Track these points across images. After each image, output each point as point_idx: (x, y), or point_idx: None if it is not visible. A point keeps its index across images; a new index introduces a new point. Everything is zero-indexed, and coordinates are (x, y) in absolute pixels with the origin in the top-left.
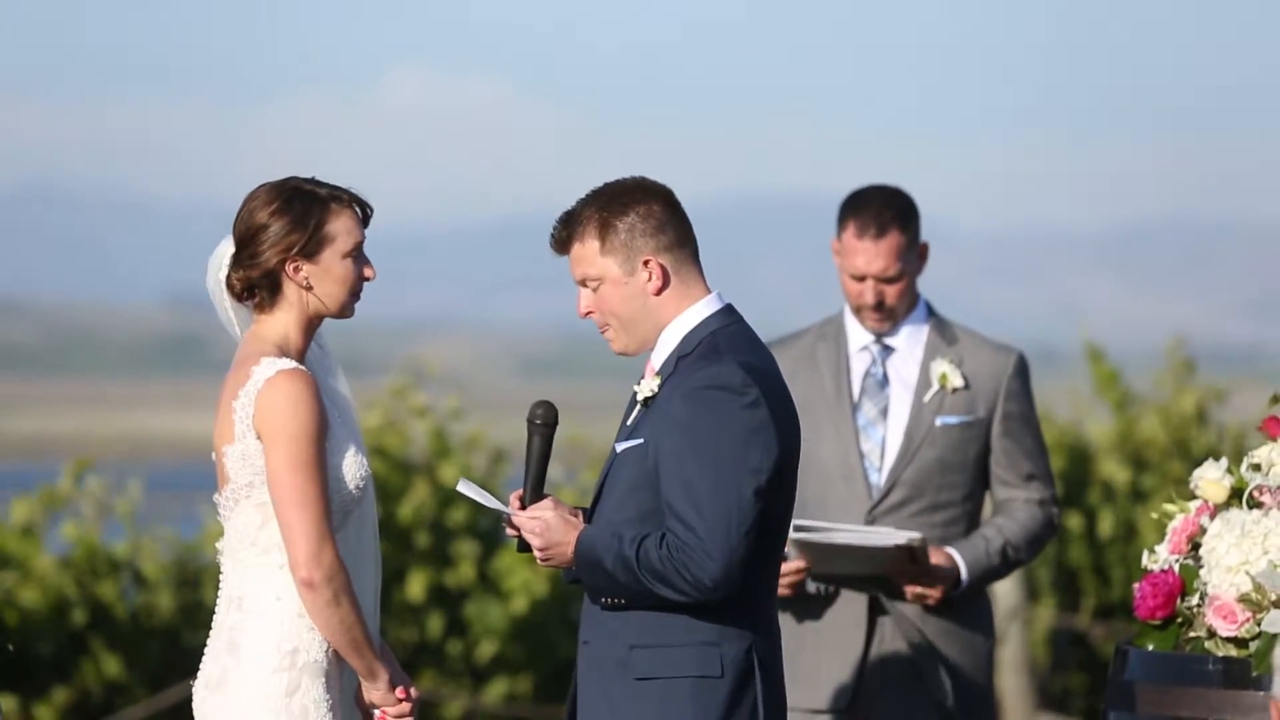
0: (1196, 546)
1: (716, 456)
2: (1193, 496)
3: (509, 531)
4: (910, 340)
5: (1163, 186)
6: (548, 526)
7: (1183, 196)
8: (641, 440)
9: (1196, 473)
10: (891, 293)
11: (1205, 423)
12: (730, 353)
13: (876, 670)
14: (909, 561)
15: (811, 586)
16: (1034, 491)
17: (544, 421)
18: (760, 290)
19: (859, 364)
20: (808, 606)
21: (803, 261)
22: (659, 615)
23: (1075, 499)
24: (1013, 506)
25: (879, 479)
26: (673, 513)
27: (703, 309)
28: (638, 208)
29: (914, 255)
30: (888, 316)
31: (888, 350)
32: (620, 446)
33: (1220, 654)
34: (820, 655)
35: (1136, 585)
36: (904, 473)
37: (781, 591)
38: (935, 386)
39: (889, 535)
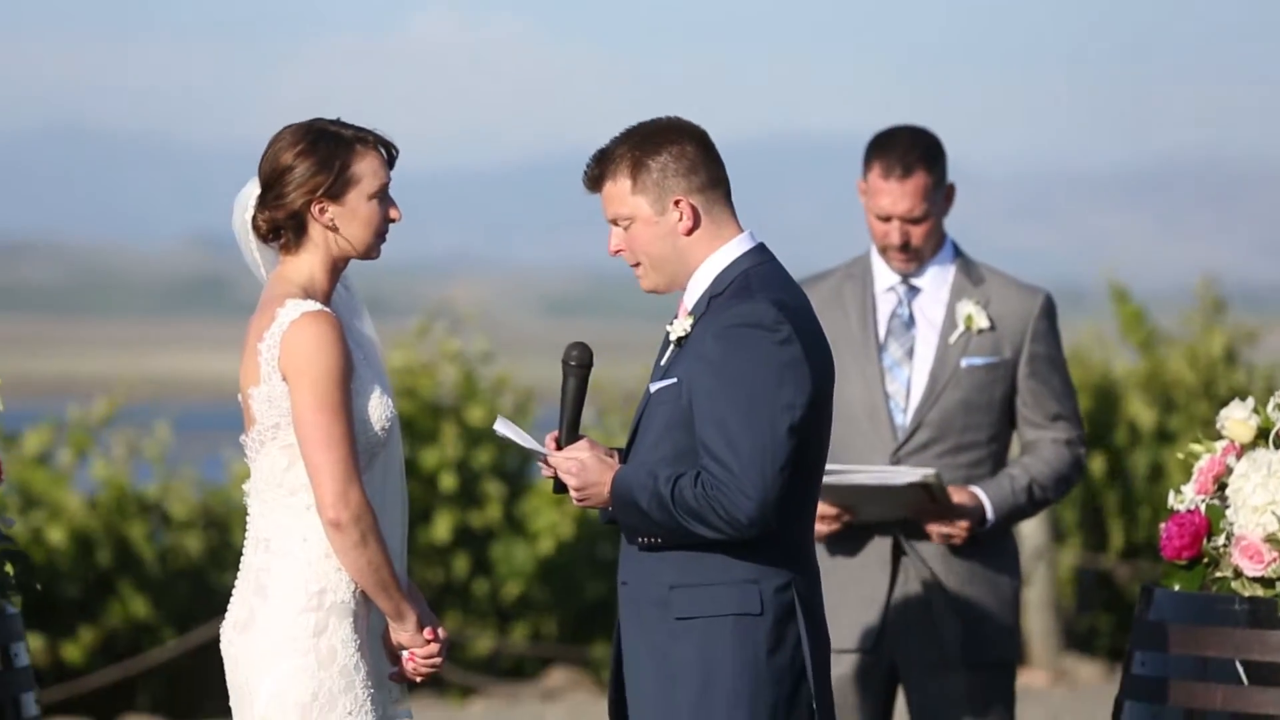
0: (1223, 487)
1: (750, 394)
2: (1219, 436)
3: (545, 472)
4: (936, 281)
5: (1189, 125)
6: (584, 467)
7: (1210, 135)
8: (675, 380)
9: (1223, 412)
10: (917, 233)
11: (1234, 363)
12: (762, 291)
13: (901, 611)
14: (928, 501)
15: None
16: (1061, 431)
17: (579, 362)
18: (788, 231)
19: (885, 304)
20: (832, 548)
21: (829, 202)
22: (697, 554)
23: (1101, 439)
24: (1039, 446)
25: (904, 420)
26: (707, 451)
27: (735, 248)
28: (671, 148)
29: (940, 196)
30: (914, 257)
31: (914, 291)
32: (654, 386)
33: (1246, 594)
34: (844, 596)
35: (1163, 525)
36: (929, 414)
37: (821, 532)
38: (960, 328)
39: (904, 473)
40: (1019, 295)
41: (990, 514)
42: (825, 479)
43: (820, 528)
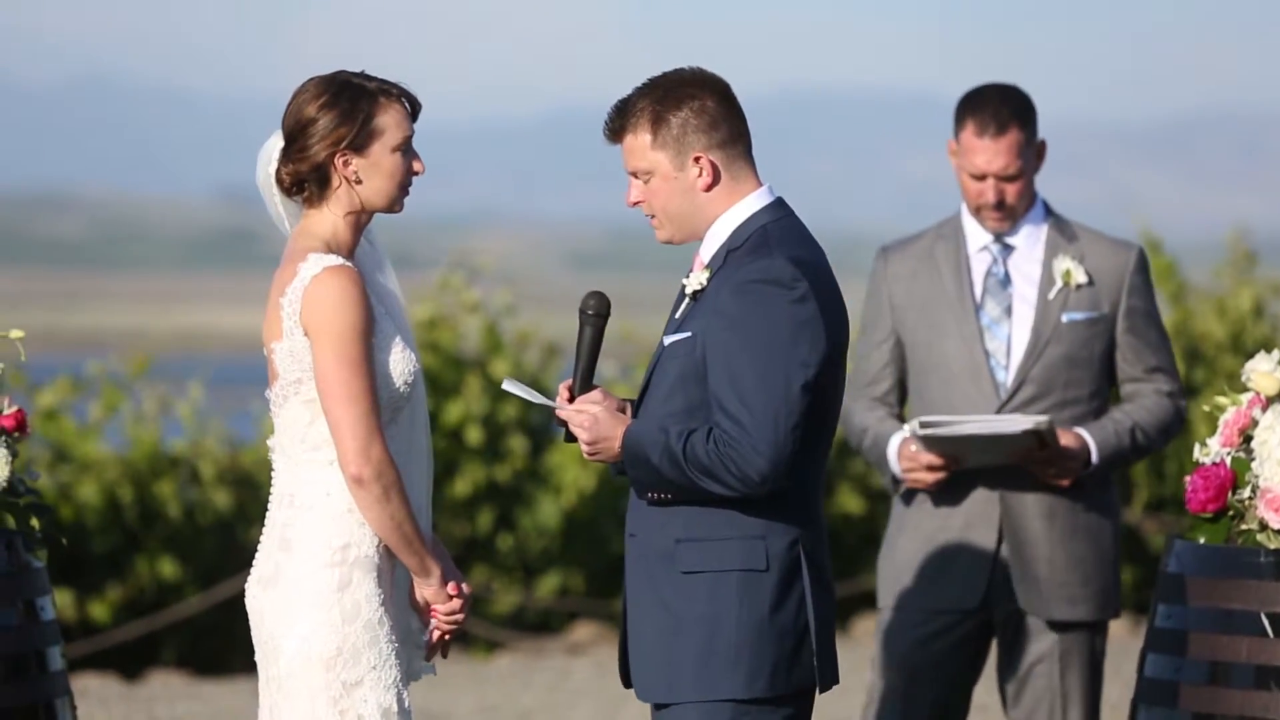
0: (1248, 439)
1: (764, 350)
2: (1245, 389)
3: (557, 424)
4: (1030, 239)
5: (1218, 77)
6: (595, 420)
7: (1239, 87)
8: (690, 334)
9: (1249, 365)
10: (1012, 191)
11: (1262, 317)
12: (780, 246)
13: (1005, 570)
14: (1038, 447)
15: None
16: (1161, 384)
17: (595, 312)
18: (801, 185)
19: (979, 264)
20: (936, 506)
21: (842, 157)
22: (705, 509)
23: None
24: (1141, 396)
25: (1005, 377)
26: (720, 407)
27: (753, 202)
28: (691, 103)
29: (1032, 153)
30: (1008, 215)
31: (1008, 249)
32: (668, 340)
33: (1272, 546)
34: (948, 555)
35: (1188, 478)
36: (1032, 370)
37: (925, 482)
38: (1059, 283)
39: (1017, 421)
40: (1113, 250)
41: (1095, 456)
42: (938, 430)
43: (926, 477)
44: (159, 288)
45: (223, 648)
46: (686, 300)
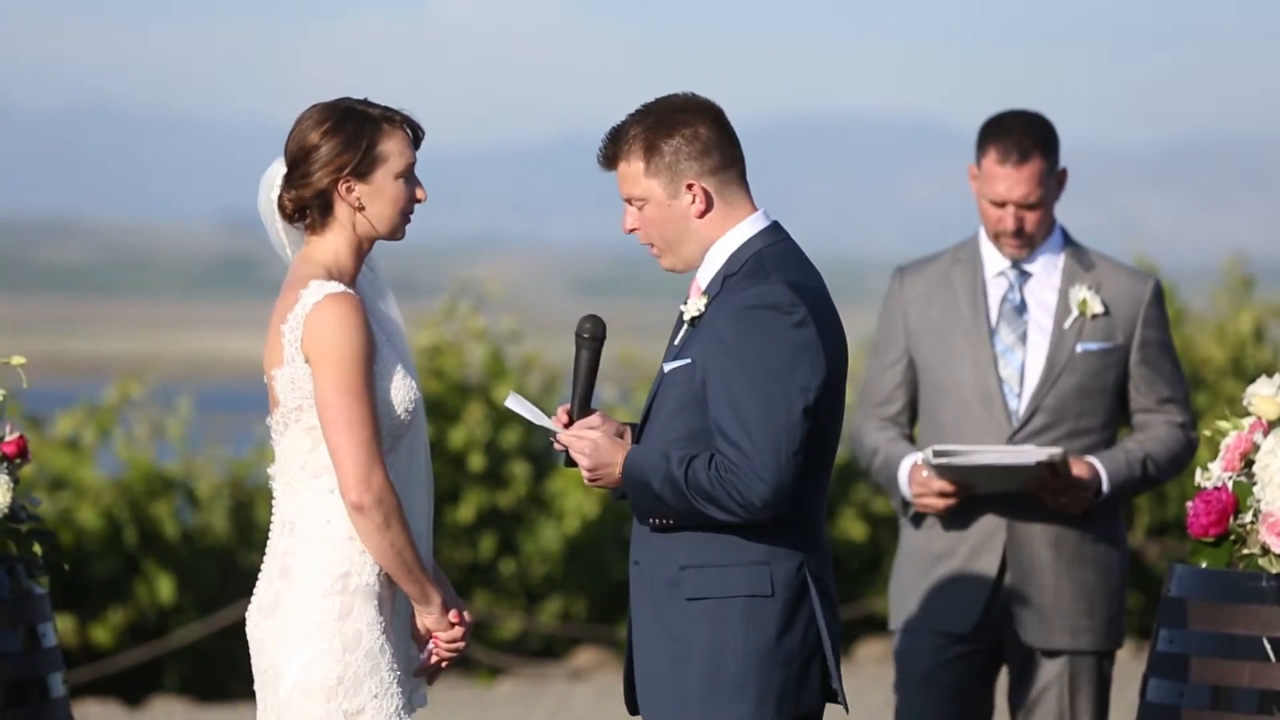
0: (1250, 463)
1: (764, 376)
2: (1246, 414)
3: (556, 448)
4: (1047, 266)
5: (1216, 102)
6: (596, 446)
7: (1240, 113)
8: (689, 360)
9: (1250, 389)
10: (1031, 219)
11: (1262, 341)
12: (777, 271)
13: (1010, 596)
14: (1051, 477)
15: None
16: (1173, 415)
17: (591, 335)
18: (805, 210)
19: (996, 289)
20: (944, 531)
21: (847, 182)
22: (709, 535)
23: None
24: (1152, 427)
25: (1018, 405)
26: (721, 433)
27: (748, 227)
28: (684, 130)
29: (1054, 181)
30: (1026, 243)
31: (1025, 275)
32: (668, 366)
33: (1274, 571)
34: (952, 577)
35: (1190, 503)
36: (1045, 399)
37: (935, 507)
38: (1075, 313)
39: (1031, 453)
40: (1129, 281)
41: (1106, 486)
42: (953, 460)
43: (937, 503)
44: (161, 314)
45: (224, 674)
46: (685, 326)
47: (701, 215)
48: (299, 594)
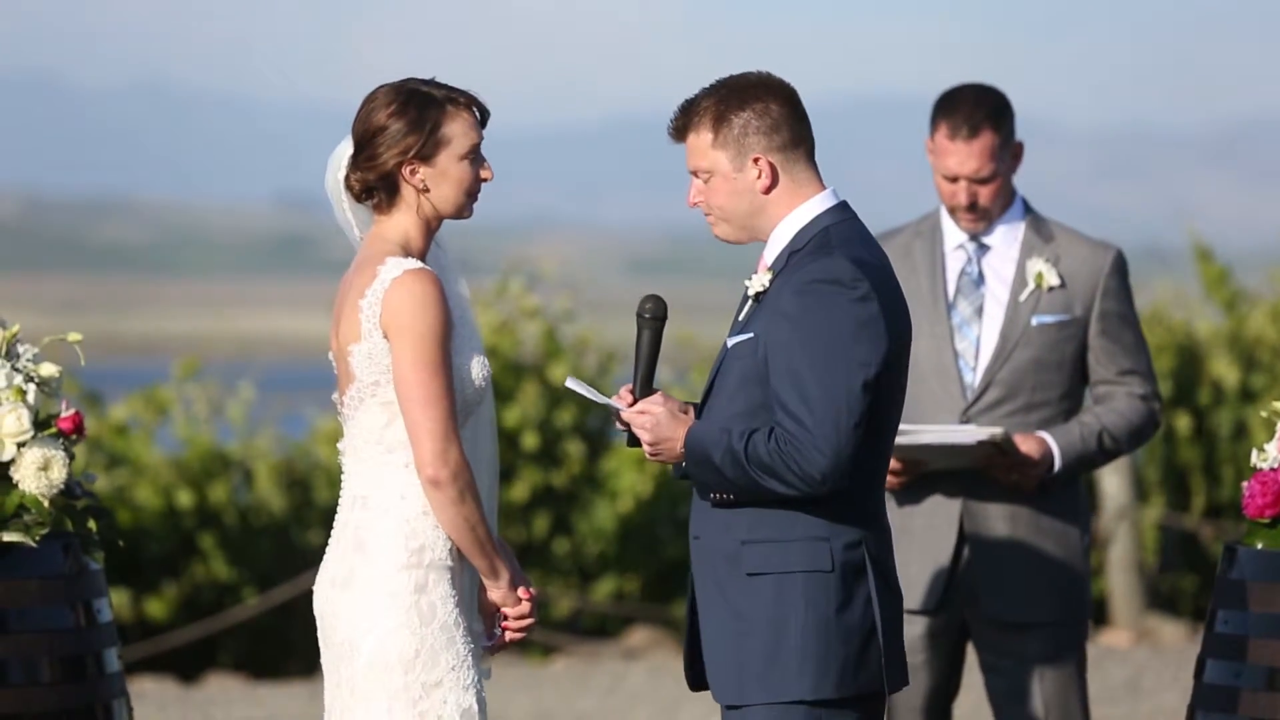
0: None
1: (826, 350)
2: None
3: (618, 426)
4: (1006, 239)
5: (1274, 82)
6: (657, 422)
7: None
8: (752, 335)
9: None
10: (985, 193)
11: None
12: (841, 248)
13: (969, 570)
14: (999, 455)
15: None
16: (1134, 386)
17: (653, 315)
18: (867, 190)
19: (954, 262)
20: (899, 507)
21: (907, 161)
22: (769, 510)
23: (1185, 399)
24: (1112, 398)
25: (974, 379)
26: (781, 407)
27: (816, 205)
28: (755, 104)
29: (1008, 154)
30: (982, 217)
31: (984, 249)
32: (731, 341)
33: None
34: (913, 557)
35: (1245, 484)
36: (999, 372)
37: (892, 483)
38: (1031, 285)
39: (972, 432)
40: (1089, 252)
41: (1058, 462)
42: (896, 439)
43: (891, 480)
44: (216, 293)
45: (278, 651)
46: (749, 302)
47: (767, 191)
48: (374, 568)
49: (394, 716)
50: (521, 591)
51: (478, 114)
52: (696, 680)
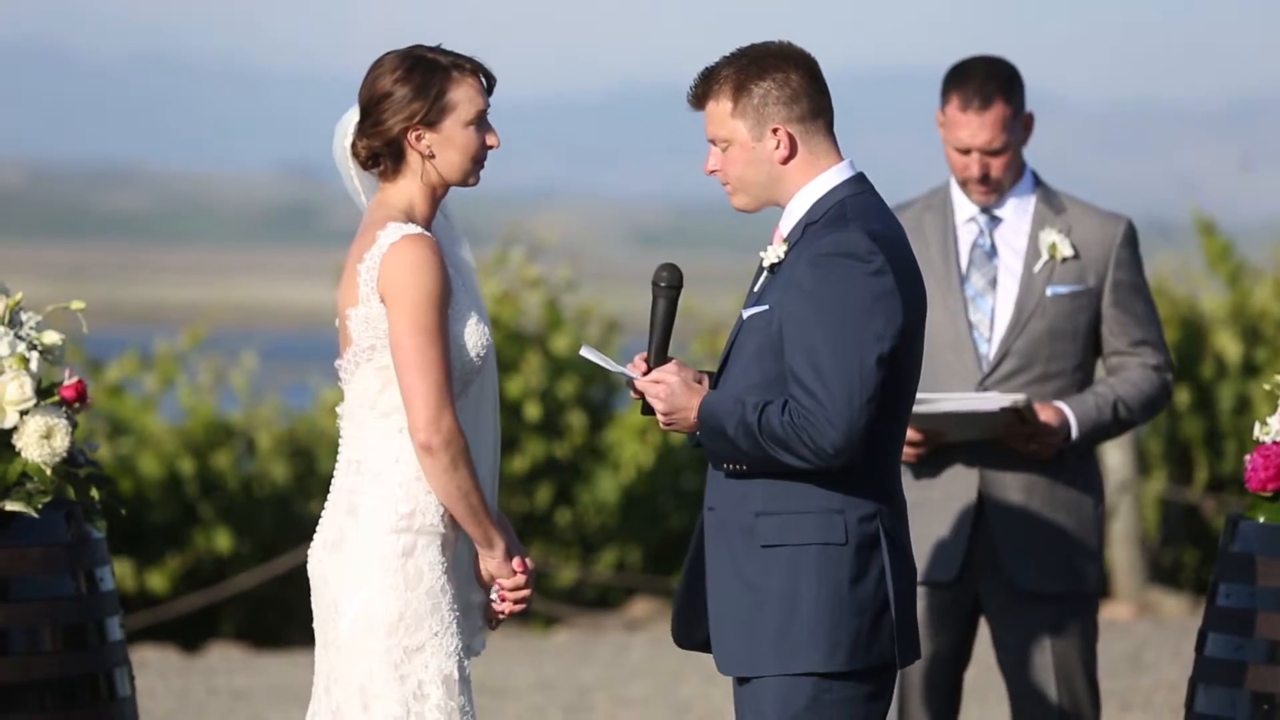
0: None
1: (840, 323)
2: None
3: (632, 395)
4: (1017, 211)
5: (1277, 58)
6: (671, 391)
7: None
8: (767, 306)
9: None
10: (997, 165)
11: None
12: (857, 220)
13: (984, 543)
14: (1019, 423)
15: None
16: (1147, 357)
17: (669, 284)
18: (878, 163)
19: (966, 235)
20: (916, 479)
21: (916, 134)
22: (784, 482)
23: (1188, 373)
24: (1125, 369)
25: (989, 350)
26: (795, 379)
27: (832, 177)
28: (776, 74)
29: (1019, 126)
30: (993, 189)
31: (995, 221)
32: (746, 313)
33: None
34: (929, 527)
35: (1248, 458)
36: (1015, 343)
37: (905, 456)
38: (1045, 256)
39: (994, 399)
40: (1101, 223)
41: (1075, 431)
42: (916, 408)
43: (909, 451)
44: (219, 261)
45: (281, 621)
46: (764, 273)
47: (785, 161)
48: (364, 531)
49: (375, 678)
50: (516, 564)
51: (484, 80)
52: (685, 639)
